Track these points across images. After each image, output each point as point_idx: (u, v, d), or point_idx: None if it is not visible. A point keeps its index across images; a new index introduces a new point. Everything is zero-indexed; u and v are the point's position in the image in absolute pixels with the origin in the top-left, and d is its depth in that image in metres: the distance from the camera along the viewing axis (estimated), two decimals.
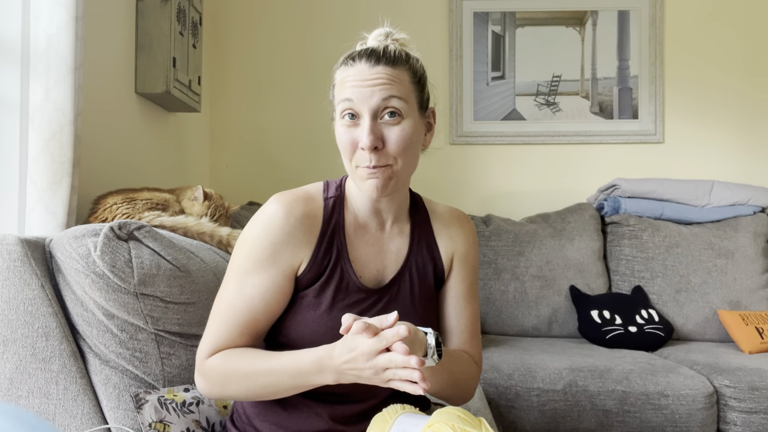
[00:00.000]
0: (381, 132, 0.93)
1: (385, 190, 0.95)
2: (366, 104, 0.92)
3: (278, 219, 0.97)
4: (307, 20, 2.82)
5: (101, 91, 1.76)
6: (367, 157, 0.92)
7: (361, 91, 0.92)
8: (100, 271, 1.09)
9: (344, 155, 0.97)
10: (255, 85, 2.83)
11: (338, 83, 0.97)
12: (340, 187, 1.04)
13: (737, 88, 2.79)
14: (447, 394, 1.03)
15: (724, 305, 2.36)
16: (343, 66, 0.97)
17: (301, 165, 2.80)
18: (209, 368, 0.96)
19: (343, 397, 1.00)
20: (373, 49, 0.95)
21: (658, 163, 2.79)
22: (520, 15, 2.81)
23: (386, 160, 0.93)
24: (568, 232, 2.48)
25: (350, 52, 0.98)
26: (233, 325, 0.96)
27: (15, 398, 1.09)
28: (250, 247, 0.97)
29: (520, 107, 2.81)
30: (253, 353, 0.95)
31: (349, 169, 0.98)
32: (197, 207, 1.70)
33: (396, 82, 0.93)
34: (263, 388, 0.93)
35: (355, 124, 0.94)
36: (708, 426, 1.81)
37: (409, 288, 1.03)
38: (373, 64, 0.93)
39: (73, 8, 1.42)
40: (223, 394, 0.97)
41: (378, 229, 1.04)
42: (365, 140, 0.91)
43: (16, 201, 1.46)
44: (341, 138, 0.96)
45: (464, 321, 1.08)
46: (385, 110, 0.93)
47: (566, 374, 1.84)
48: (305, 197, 1.01)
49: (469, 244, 1.10)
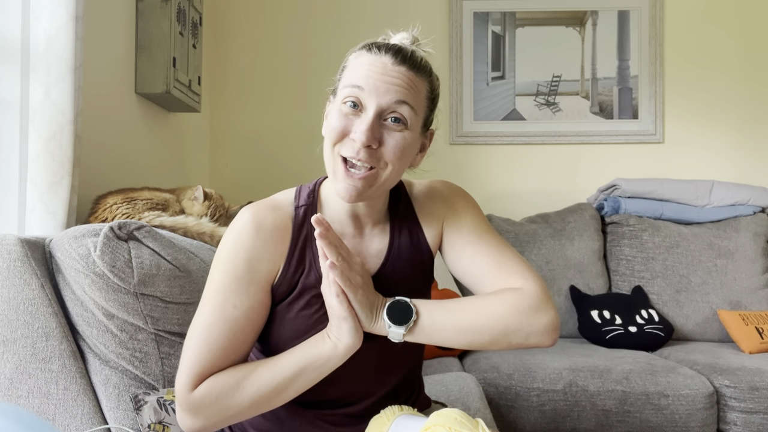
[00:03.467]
0: (381, 133, 0.86)
1: (359, 196, 0.88)
2: (376, 99, 0.85)
3: (248, 234, 0.91)
4: (307, 20, 2.82)
5: (101, 91, 1.76)
6: (355, 150, 0.85)
7: (376, 84, 0.85)
8: (100, 271, 1.09)
9: (329, 139, 0.88)
10: (255, 85, 2.83)
11: (351, 66, 0.89)
12: (313, 193, 0.97)
13: (737, 88, 2.79)
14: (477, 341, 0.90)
15: (724, 305, 2.36)
16: (364, 51, 0.89)
17: (301, 165, 2.80)
18: (199, 398, 0.87)
19: (337, 401, 0.99)
20: (402, 47, 0.89)
21: (658, 163, 2.79)
22: (520, 15, 2.81)
23: (375, 162, 0.86)
24: (568, 232, 2.48)
25: (374, 40, 0.91)
26: (217, 350, 0.88)
27: (15, 398, 1.08)
28: (224, 266, 0.91)
29: (520, 107, 2.81)
30: (244, 365, 0.90)
31: (329, 155, 0.89)
32: (197, 207, 1.70)
33: (413, 90, 0.87)
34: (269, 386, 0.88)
35: (355, 113, 0.87)
36: (708, 426, 1.81)
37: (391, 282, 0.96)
38: (398, 61, 0.86)
39: (73, 8, 1.42)
40: (223, 418, 0.89)
41: (355, 234, 0.97)
42: (361, 135, 0.84)
43: (16, 201, 1.46)
44: (333, 122, 0.87)
45: (483, 260, 0.96)
46: (391, 113, 0.86)
47: (566, 374, 1.84)
48: (274, 207, 0.94)
49: (449, 203, 1.02)
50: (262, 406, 0.90)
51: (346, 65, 0.92)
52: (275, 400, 0.90)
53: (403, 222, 1.00)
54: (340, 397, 0.98)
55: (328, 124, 0.91)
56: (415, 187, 1.05)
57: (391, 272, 0.97)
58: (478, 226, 1.00)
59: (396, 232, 0.99)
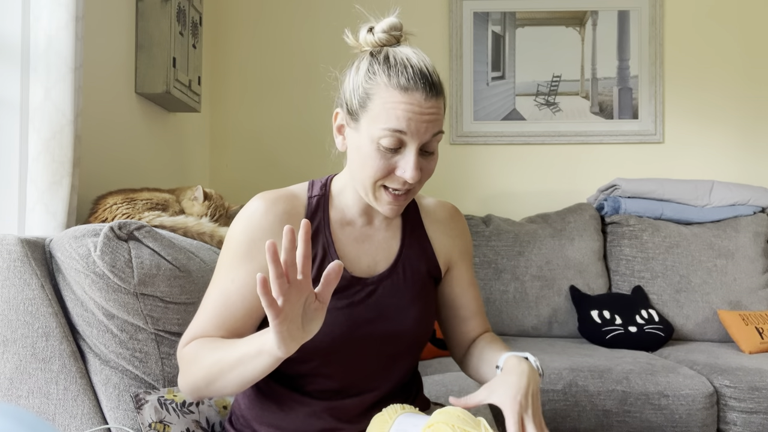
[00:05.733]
0: (422, 163, 0.92)
1: (401, 211, 0.97)
2: (419, 139, 0.89)
3: (258, 215, 0.96)
4: (307, 20, 2.82)
5: (101, 91, 1.76)
6: (401, 183, 0.92)
7: (417, 125, 0.88)
8: (100, 271, 1.09)
9: (370, 175, 0.92)
10: (255, 85, 2.83)
11: (381, 102, 0.89)
12: (325, 186, 1.03)
13: (737, 88, 2.79)
14: None
15: (724, 305, 2.36)
16: (391, 82, 0.88)
17: (301, 165, 2.80)
18: (181, 356, 0.94)
19: (340, 392, 0.99)
20: (427, 76, 0.89)
21: (658, 163, 2.79)
22: (520, 15, 2.81)
23: (414, 186, 0.94)
24: (568, 232, 2.48)
25: (400, 71, 0.88)
26: (211, 318, 0.95)
27: (15, 398, 1.09)
28: (230, 245, 0.97)
29: (520, 107, 2.81)
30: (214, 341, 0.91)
31: (368, 186, 0.93)
32: (197, 207, 1.70)
33: (441, 117, 0.92)
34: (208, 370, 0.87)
35: (395, 152, 0.90)
36: (708, 426, 1.81)
37: (402, 281, 1.02)
38: (429, 96, 0.88)
39: (73, 8, 1.42)
40: (186, 382, 0.92)
41: (365, 224, 1.03)
42: (412, 174, 0.89)
43: (16, 201, 1.46)
44: (375, 161, 0.90)
45: (477, 303, 1.12)
46: (429, 144, 0.92)
47: (566, 374, 1.84)
48: (288, 196, 0.99)
49: (467, 238, 1.13)
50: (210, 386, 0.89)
51: (369, 93, 0.90)
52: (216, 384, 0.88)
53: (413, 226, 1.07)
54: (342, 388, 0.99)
55: (363, 158, 0.91)
56: (421, 196, 1.12)
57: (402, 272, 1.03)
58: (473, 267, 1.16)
59: (407, 232, 1.06)
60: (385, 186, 0.93)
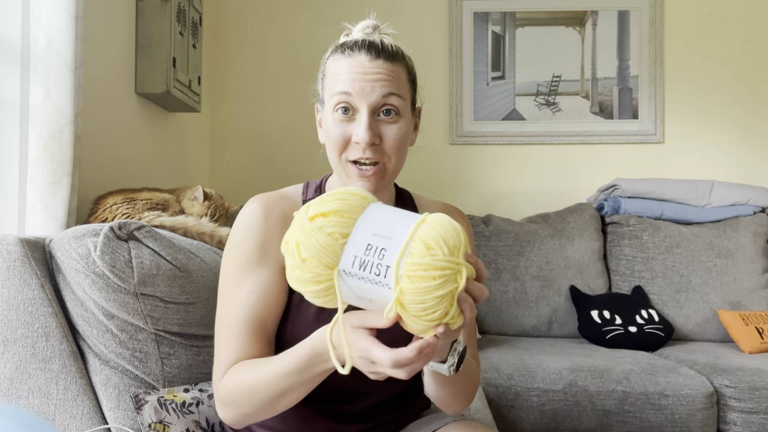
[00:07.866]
0: (378, 129, 0.91)
1: (375, 191, 0.93)
2: (365, 99, 0.90)
3: (258, 219, 0.94)
4: (306, 20, 2.82)
5: (101, 91, 1.76)
6: (360, 151, 0.90)
7: (361, 85, 0.90)
8: (100, 271, 1.09)
9: (333, 149, 0.93)
10: (255, 85, 2.83)
11: (331, 74, 0.94)
12: (320, 188, 1.02)
13: (737, 88, 2.79)
14: (451, 402, 0.97)
15: (724, 305, 2.36)
16: (338, 55, 0.93)
17: (301, 165, 2.80)
18: (224, 390, 0.88)
19: (341, 398, 0.99)
20: (371, 41, 0.93)
21: (658, 163, 2.79)
22: (520, 15, 2.81)
23: (380, 157, 0.92)
24: (568, 232, 2.48)
25: (345, 41, 0.95)
26: (243, 336, 0.90)
27: (15, 398, 1.09)
28: (236, 254, 0.93)
29: (520, 107, 2.81)
30: (255, 362, 0.87)
31: (336, 163, 0.94)
32: (197, 207, 1.70)
33: (395, 79, 0.92)
34: (272, 394, 0.84)
35: (349, 118, 0.91)
36: (708, 426, 1.81)
37: None
38: (373, 57, 0.91)
39: (73, 8, 1.42)
40: (240, 414, 0.88)
41: None
42: (363, 136, 0.89)
43: (16, 201, 1.46)
44: (332, 131, 0.92)
45: None
46: (383, 107, 0.91)
47: (566, 374, 1.84)
48: (282, 197, 0.98)
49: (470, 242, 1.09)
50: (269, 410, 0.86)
51: (324, 72, 0.96)
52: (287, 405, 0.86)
53: None
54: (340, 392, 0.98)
55: (326, 133, 0.95)
56: (422, 198, 1.11)
57: None
58: None
59: None
60: (354, 162, 0.92)
